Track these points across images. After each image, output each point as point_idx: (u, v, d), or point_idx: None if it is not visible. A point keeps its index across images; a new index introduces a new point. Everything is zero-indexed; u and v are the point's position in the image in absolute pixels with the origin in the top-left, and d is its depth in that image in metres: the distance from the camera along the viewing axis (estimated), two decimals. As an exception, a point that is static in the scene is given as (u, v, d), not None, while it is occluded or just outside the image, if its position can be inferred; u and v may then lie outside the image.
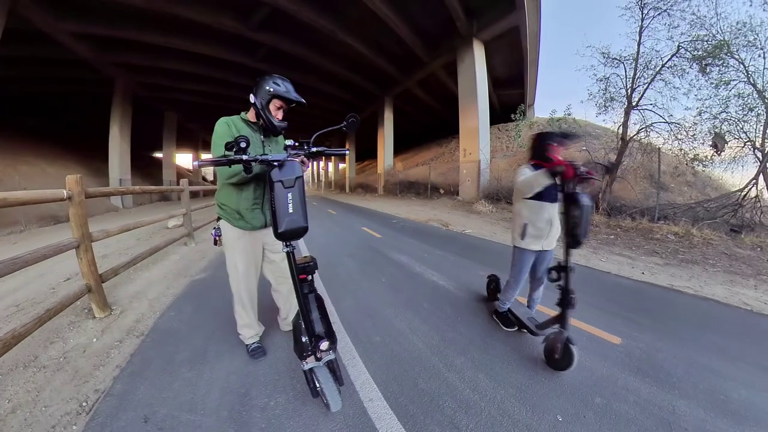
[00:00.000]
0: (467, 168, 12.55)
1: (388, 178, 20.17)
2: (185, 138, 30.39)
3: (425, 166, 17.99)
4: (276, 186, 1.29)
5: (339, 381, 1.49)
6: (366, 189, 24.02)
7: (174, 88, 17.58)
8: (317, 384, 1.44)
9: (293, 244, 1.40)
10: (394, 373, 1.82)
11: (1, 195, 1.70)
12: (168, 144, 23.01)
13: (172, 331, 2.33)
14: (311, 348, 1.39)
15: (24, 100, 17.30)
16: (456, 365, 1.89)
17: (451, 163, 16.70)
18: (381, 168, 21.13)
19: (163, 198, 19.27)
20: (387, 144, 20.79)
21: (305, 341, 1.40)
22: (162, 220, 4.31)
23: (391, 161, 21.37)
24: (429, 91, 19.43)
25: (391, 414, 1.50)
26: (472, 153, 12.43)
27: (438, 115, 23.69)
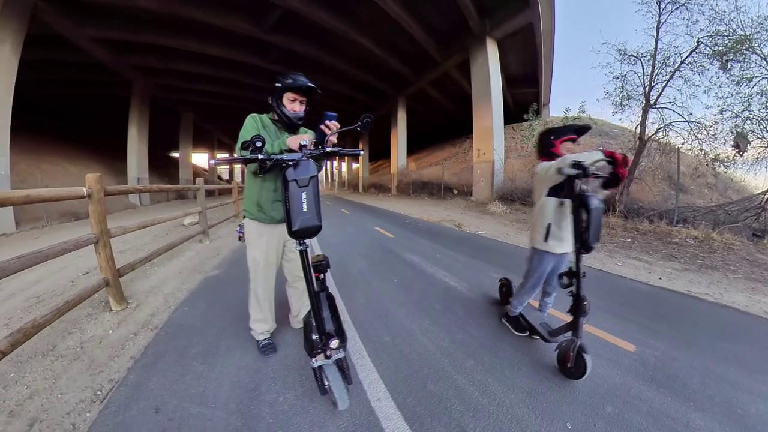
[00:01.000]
0: (481, 168, 12.42)
1: (401, 178, 20.15)
2: (201, 138, 31.05)
3: (439, 166, 17.86)
4: (290, 185, 1.30)
5: (347, 380, 1.49)
6: (379, 189, 24.05)
7: (190, 89, 18.00)
8: (326, 382, 1.45)
9: (306, 242, 1.41)
10: (402, 374, 1.81)
11: (25, 192, 1.78)
12: (184, 144, 23.58)
13: (185, 326, 2.39)
14: (321, 346, 1.40)
15: (47, 102, 17.98)
16: (466, 368, 1.88)
17: (465, 164, 16.56)
18: (394, 168, 21.13)
19: (180, 196, 19.75)
20: (400, 144, 20.78)
21: (315, 339, 1.42)
22: (178, 217, 4.42)
23: (405, 161, 21.35)
24: (442, 91, 19.31)
25: (399, 414, 1.50)
26: (485, 153, 12.29)
27: (451, 115, 23.51)
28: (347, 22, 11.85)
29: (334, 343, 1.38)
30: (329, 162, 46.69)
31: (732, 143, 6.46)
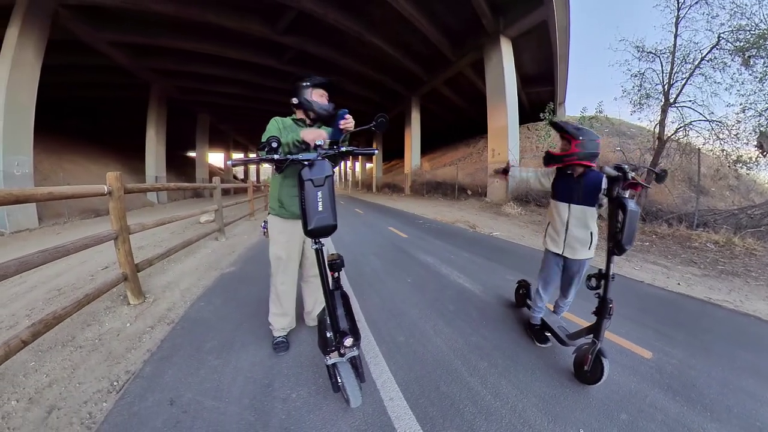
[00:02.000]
0: (496, 169, 12.27)
1: (415, 178, 20.08)
2: (217, 138, 31.69)
3: (453, 166, 17.73)
4: (306, 185, 1.32)
5: (360, 378, 1.50)
6: (393, 189, 24.00)
7: (206, 90, 18.39)
8: (339, 379, 1.46)
9: (322, 241, 1.43)
10: (415, 374, 1.81)
11: (48, 189, 1.86)
12: (201, 144, 24.12)
13: (201, 321, 2.44)
14: (335, 344, 1.41)
15: (68, 104, 18.68)
16: (479, 370, 1.86)
17: (479, 164, 16.38)
18: (408, 168, 21.08)
19: (196, 195, 20.24)
20: (414, 144, 20.70)
21: (330, 336, 1.43)
22: (195, 215, 4.53)
23: (418, 161, 21.25)
24: (456, 90, 19.16)
25: (411, 415, 1.50)
26: (500, 153, 12.13)
27: (465, 115, 23.30)
28: (361, 22, 11.89)
29: (348, 341, 1.39)
30: (343, 162, 47.16)
31: (755, 143, 6.19)
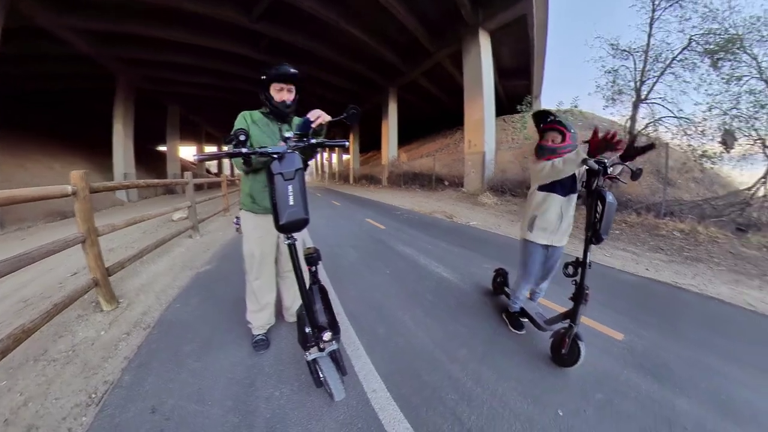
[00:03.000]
0: (472, 160, 12.44)
1: (392, 169, 20.02)
2: (189, 131, 30.36)
3: (430, 157, 17.82)
4: (276, 178, 1.28)
5: (342, 371, 1.51)
6: (370, 180, 23.91)
7: (177, 81, 17.53)
8: (321, 374, 1.46)
9: (295, 236, 1.40)
10: (397, 365, 1.84)
11: (8, 193, 1.73)
12: (172, 137, 23.02)
13: (178, 323, 2.37)
14: (314, 339, 1.40)
15: (28, 97, 17.33)
16: (459, 357, 1.91)
17: (456, 155, 16.52)
18: (385, 159, 20.98)
19: (168, 191, 19.39)
20: (391, 135, 20.60)
21: (308, 332, 1.42)
22: (167, 213, 4.34)
23: (396, 152, 21.19)
24: (434, 82, 19.18)
25: (394, 405, 1.52)
26: (477, 145, 12.30)
27: (443, 106, 23.41)
28: (338, 10, 11.62)
29: (327, 336, 1.39)
30: (319, 154, 46.49)
31: (719, 140, 6.60)
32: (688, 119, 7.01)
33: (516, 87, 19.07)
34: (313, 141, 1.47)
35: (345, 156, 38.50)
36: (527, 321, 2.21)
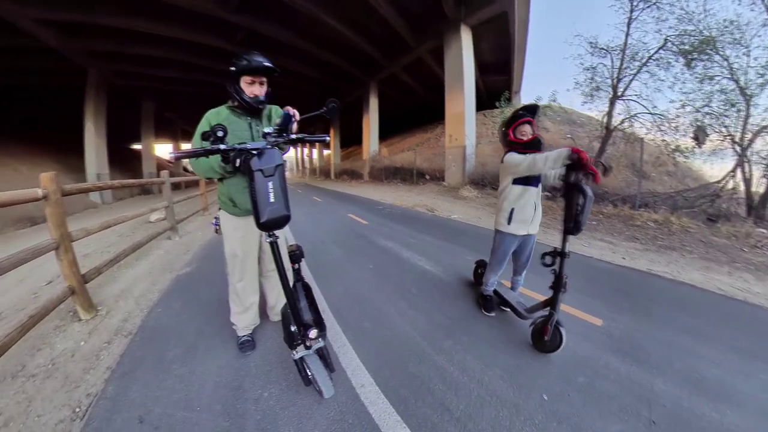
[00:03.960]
0: (453, 154, 12.56)
1: (373, 163, 19.93)
2: (164, 128, 29.16)
3: (411, 151, 17.84)
4: (256, 175, 1.25)
5: (330, 368, 1.51)
6: (351, 175, 23.70)
7: (150, 75, 16.75)
8: (309, 372, 1.46)
9: (276, 233, 1.38)
10: (384, 359, 1.86)
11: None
12: (146, 135, 22.06)
13: (160, 328, 2.30)
14: (300, 337, 1.40)
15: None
16: (444, 348, 1.95)
17: (437, 149, 16.61)
18: (366, 154, 20.86)
19: (144, 191, 18.64)
20: (372, 129, 20.49)
21: (294, 330, 1.41)
22: (144, 214, 4.19)
23: (377, 147, 21.08)
24: (415, 77, 19.16)
25: (383, 398, 1.54)
26: (457, 139, 12.42)
27: (424, 101, 23.43)
28: (317, 2, 11.41)
29: (313, 333, 1.38)
30: (299, 149, 45.67)
31: (692, 135, 6.95)
32: (662, 116, 7.31)
33: (496, 82, 19.32)
34: (293, 136, 1.43)
35: (326, 151, 38.03)
36: (509, 310, 2.28)
